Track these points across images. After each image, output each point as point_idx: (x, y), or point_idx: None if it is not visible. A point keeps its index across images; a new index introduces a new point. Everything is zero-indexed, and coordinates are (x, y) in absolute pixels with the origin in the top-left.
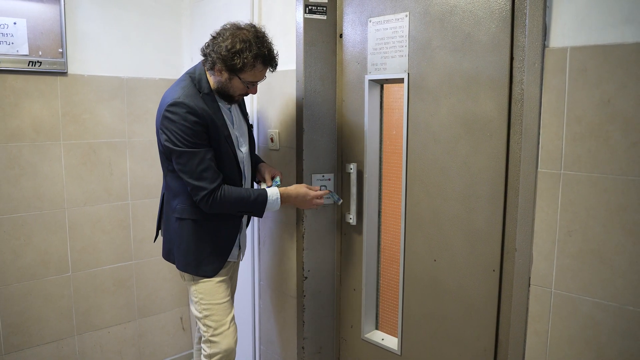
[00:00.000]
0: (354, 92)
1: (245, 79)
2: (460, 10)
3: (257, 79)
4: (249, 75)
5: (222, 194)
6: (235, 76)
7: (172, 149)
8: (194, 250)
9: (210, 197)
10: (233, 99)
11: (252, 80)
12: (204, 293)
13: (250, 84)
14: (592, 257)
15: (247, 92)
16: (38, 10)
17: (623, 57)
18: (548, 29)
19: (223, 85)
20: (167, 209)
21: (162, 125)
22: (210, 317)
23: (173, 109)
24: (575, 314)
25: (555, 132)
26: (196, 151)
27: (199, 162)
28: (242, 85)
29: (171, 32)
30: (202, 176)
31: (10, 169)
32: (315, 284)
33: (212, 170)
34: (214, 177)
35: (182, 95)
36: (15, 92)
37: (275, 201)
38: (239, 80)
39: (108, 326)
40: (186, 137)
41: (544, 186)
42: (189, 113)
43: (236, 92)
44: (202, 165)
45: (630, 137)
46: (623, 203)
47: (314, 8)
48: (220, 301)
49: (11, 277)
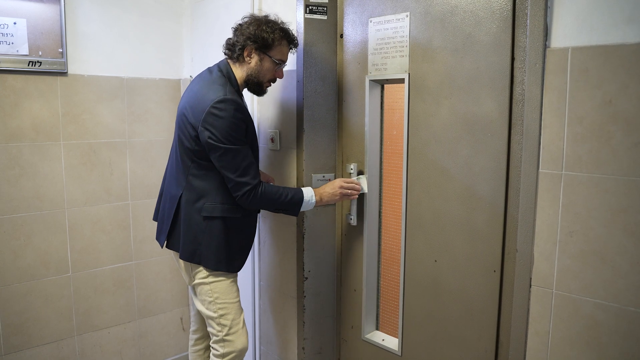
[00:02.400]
0: (355, 92)
1: (274, 56)
2: (461, 10)
3: (284, 57)
4: (277, 52)
5: (263, 190)
6: (266, 55)
7: (217, 146)
8: (225, 247)
9: (252, 192)
10: (262, 88)
11: (280, 58)
12: (219, 292)
13: (279, 64)
14: (594, 258)
15: (275, 75)
16: (38, 10)
17: (625, 57)
18: (549, 29)
19: (253, 71)
20: (189, 210)
21: (206, 122)
22: (226, 316)
23: (221, 105)
24: (577, 315)
25: (556, 133)
26: (241, 148)
27: (243, 158)
28: (272, 65)
29: (171, 32)
30: (246, 172)
31: (10, 169)
32: (316, 284)
33: (255, 167)
34: (255, 173)
35: (228, 92)
36: (15, 92)
37: (310, 200)
38: (269, 60)
39: (108, 326)
40: (232, 134)
41: (545, 187)
42: (237, 110)
43: (266, 76)
44: (246, 161)
45: (631, 137)
46: (624, 204)
47: (314, 8)
48: (234, 300)
49: (11, 277)
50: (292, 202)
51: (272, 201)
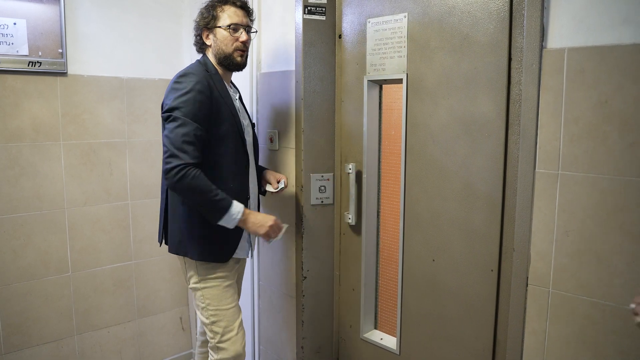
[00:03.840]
0: (353, 92)
1: (223, 24)
2: (459, 11)
3: (234, 20)
4: (223, 19)
5: (195, 174)
6: (216, 27)
7: (166, 116)
8: (208, 236)
9: (181, 171)
10: (232, 60)
11: (230, 23)
12: (211, 299)
13: (232, 28)
14: (590, 257)
15: (237, 39)
16: (38, 11)
17: (620, 58)
18: (546, 30)
19: (215, 49)
20: (174, 200)
21: (166, 96)
22: (218, 323)
23: (182, 79)
24: (573, 314)
25: (552, 133)
26: (188, 121)
27: (186, 133)
28: (225, 33)
29: (171, 32)
30: (183, 148)
31: (10, 169)
32: (315, 283)
33: (196, 148)
34: (194, 154)
35: (195, 71)
36: (15, 92)
37: (235, 215)
38: (221, 30)
39: (108, 326)
40: (186, 104)
41: (541, 186)
42: (197, 83)
43: (228, 45)
44: (188, 137)
45: (627, 137)
46: (620, 203)
47: (313, 9)
48: (227, 307)
49: (11, 276)
50: (218, 205)
51: (200, 192)
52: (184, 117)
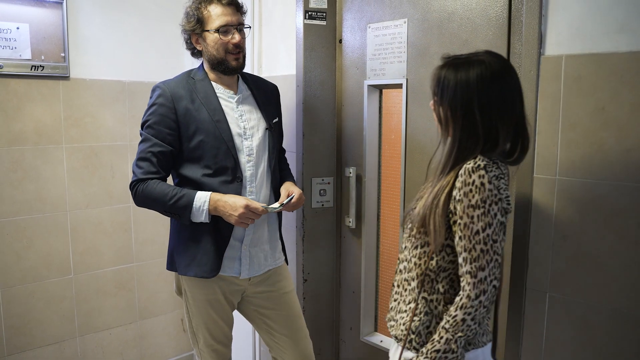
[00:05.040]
0: (353, 97)
1: (211, 27)
2: (458, 17)
3: (223, 21)
4: (211, 23)
5: (143, 187)
6: (204, 32)
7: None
8: (193, 249)
9: (132, 189)
10: (226, 64)
11: (219, 25)
12: (192, 312)
13: (222, 31)
14: (587, 261)
15: (229, 42)
16: (41, 15)
17: (617, 65)
18: (544, 37)
19: (207, 55)
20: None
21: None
22: (197, 335)
23: (151, 93)
24: (571, 317)
25: (550, 138)
26: (147, 138)
27: (141, 150)
28: (215, 36)
29: (172, 35)
30: (137, 164)
31: (12, 172)
32: (315, 286)
33: (151, 164)
34: (147, 170)
35: (163, 81)
36: (18, 96)
37: (200, 207)
38: (209, 34)
39: (109, 328)
40: (147, 119)
41: (539, 191)
42: (159, 96)
43: (219, 49)
44: (142, 154)
45: (623, 143)
46: (616, 208)
47: (313, 14)
48: (207, 324)
49: (14, 279)
50: (179, 204)
51: (154, 200)
52: (144, 133)
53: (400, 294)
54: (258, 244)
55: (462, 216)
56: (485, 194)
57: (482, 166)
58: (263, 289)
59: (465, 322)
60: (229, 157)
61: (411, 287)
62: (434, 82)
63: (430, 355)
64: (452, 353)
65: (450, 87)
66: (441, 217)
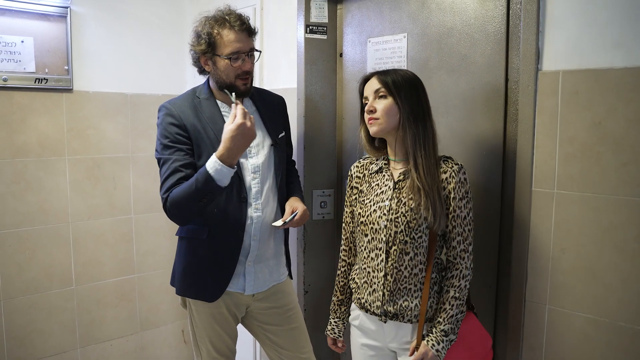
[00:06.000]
0: (354, 109)
1: (223, 53)
2: (457, 32)
3: (235, 48)
4: (223, 48)
5: (169, 196)
6: (214, 56)
7: (156, 159)
8: (191, 271)
9: (165, 206)
10: (235, 87)
11: (231, 52)
12: (195, 325)
13: (233, 58)
14: (585, 274)
15: (239, 68)
16: (45, 29)
17: (613, 81)
18: (541, 53)
19: (215, 77)
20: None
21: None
22: (200, 348)
23: (158, 114)
24: (569, 330)
25: (548, 152)
26: (167, 158)
27: (166, 168)
28: (226, 62)
29: (174, 48)
30: (163, 184)
31: (15, 184)
32: (316, 297)
33: (176, 179)
34: (171, 185)
35: (168, 101)
36: (22, 108)
37: (215, 165)
38: (220, 59)
39: (110, 339)
40: (162, 141)
41: (538, 205)
42: (166, 115)
43: (229, 74)
44: (167, 171)
45: (620, 157)
46: (614, 221)
47: (314, 28)
48: (209, 338)
49: (16, 290)
50: (203, 185)
51: (185, 201)
52: (161, 155)
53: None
54: (263, 260)
55: (455, 208)
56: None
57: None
58: (267, 305)
59: (467, 287)
60: (234, 176)
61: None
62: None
63: (448, 320)
64: (461, 314)
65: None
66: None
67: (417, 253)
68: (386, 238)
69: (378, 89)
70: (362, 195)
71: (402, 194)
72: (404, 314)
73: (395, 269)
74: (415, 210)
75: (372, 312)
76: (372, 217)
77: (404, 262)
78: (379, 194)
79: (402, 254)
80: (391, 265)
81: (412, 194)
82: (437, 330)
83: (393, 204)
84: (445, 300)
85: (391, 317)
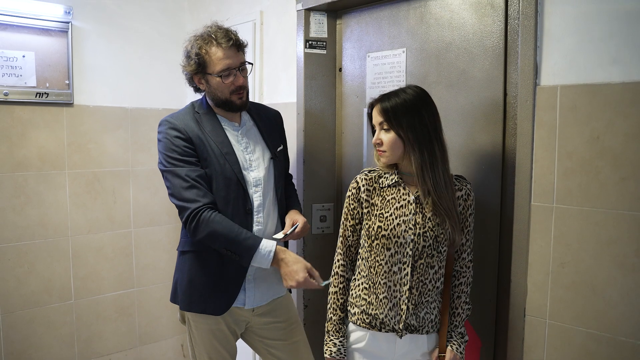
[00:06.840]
0: (353, 124)
1: (214, 71)
2: (456, 47)
3: (224, 65)
4: (213, 66)
5: (210, 217)
6: (206, 74)
7: (160, 171)
8: (197, 286)
9: (195, 216)
10: (231, 103)
11: (221, 69)
12: (195, 342)
13: (224, 75)
14: (585, 289)
15: (232, 84)
16: (46, 44)
17: (610, 95)
18: (539, 68)
19: (210, 95)
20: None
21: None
22: None
23: (159, 128)
24: (570, 344)
25: (547, 167)
26: (178, 169)
27: (182, 179)
28: (217, 79)
29: (175, 63)
30: (184, 196)
31: (15, 198)
32: (316, 311)
33: (198, 189)
34: (199, 195)
35: (173, 116)
36: (22, 122)
37: (266, 255)
38: (212, 77)
39: (109, 353)
40: (169, 154)
41: (537, 219)
42: (170, 128)
43: (223, 91)
44: (186, 183)
45: (619, 172)
46: (613, 236)
47: (314, 43)
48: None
49: (15, 304)
50: (245, 245)
51: (222, 234)
52: (172, 167)
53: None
54: (263, 274)
55: (468, 225)
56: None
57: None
58: (268, 319)
59: (469, 292)
60: (240, 189)
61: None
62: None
63: (461, 323)
64: (466, 316)
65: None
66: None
67: (441, 266)
68: (412, 252)
69: (381, 122)
70: (377, 208)
71: (425, 209)
72: (425, 325)
73: (421, 282)
74: (442, 226)
75: (391, 327)
76: (397, 231)
77: (429, 275)
78: (399, 208)
79: (428, 267)
80: (417, 279)
81: (435, 211)
82: (456, 334)
83: (418, 219)
84: (458, 306)
85: (411, 331)
